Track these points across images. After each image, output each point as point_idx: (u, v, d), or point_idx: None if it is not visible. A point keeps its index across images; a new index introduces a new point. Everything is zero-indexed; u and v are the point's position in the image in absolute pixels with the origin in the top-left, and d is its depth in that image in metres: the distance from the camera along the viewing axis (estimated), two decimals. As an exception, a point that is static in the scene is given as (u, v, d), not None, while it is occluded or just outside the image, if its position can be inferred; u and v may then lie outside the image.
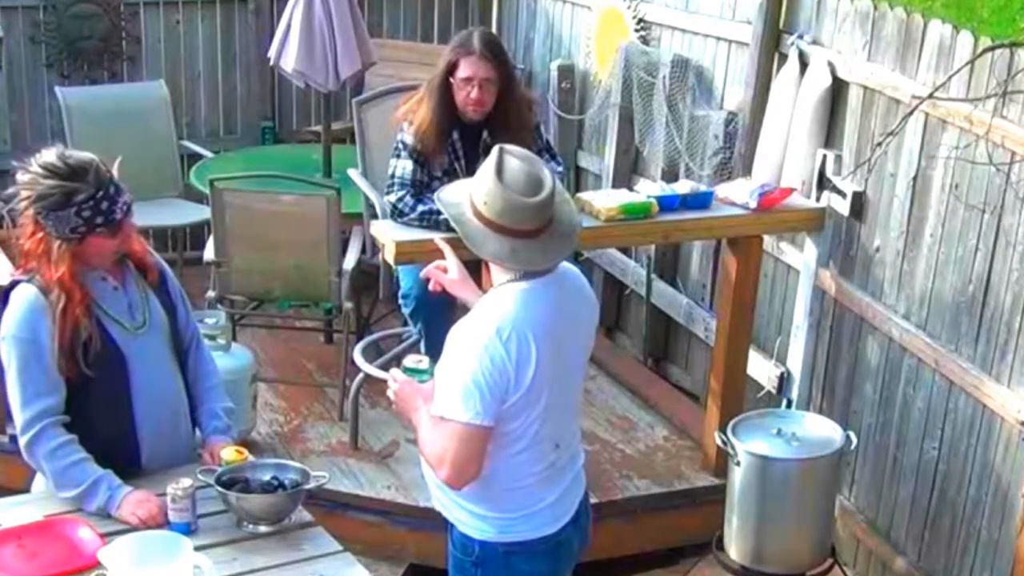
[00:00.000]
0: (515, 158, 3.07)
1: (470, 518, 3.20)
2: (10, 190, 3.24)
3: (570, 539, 3.29)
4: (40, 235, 3.19)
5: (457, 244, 4.39)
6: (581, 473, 3.36)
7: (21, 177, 3.19)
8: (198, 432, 3.51)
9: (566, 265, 3.25)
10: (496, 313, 3.04)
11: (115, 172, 3.25)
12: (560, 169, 4.85)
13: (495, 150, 3.09)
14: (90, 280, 3.27)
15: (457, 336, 3.07)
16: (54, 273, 3.17)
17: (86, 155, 3.22)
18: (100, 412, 3.28)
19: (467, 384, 2.99)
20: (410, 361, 3.28)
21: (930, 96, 4.20)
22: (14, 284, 3.26)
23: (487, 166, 3.08)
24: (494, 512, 3.17)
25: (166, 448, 3.39)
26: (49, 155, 3.19)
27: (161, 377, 3.37)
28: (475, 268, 4.44)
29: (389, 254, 4.44)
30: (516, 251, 3.06)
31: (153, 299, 3.38)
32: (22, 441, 3.26)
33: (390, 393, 3.25)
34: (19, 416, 3.25)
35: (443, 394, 3.04)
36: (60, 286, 3.18)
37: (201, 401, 3.50)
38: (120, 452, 3.32)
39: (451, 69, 4.63)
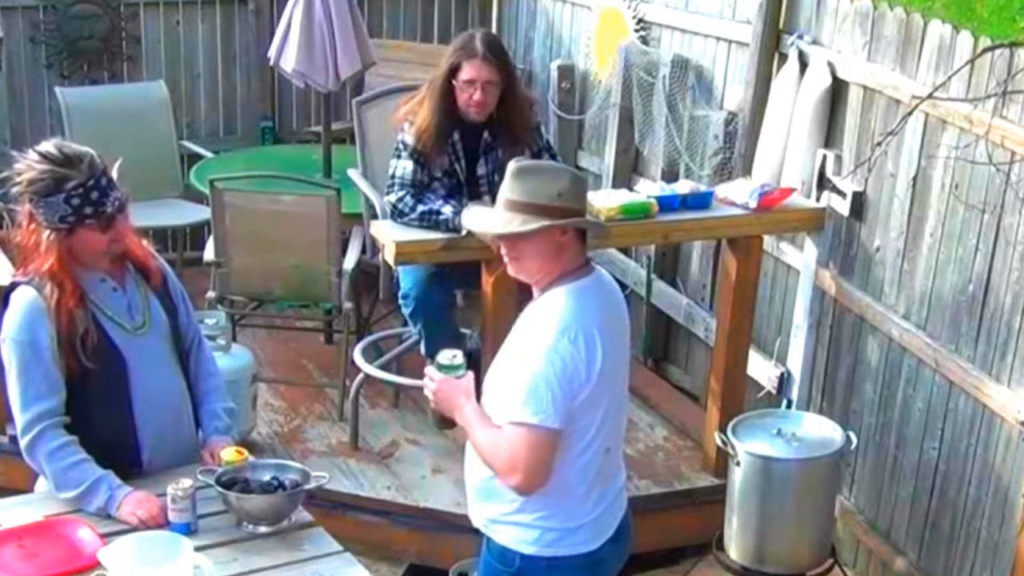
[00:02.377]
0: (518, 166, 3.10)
1: (515, 529, 3.15)
2: (4, 174, 3.25)
3: (608, 559, 3.24)
4: (32, 227, 3.19)
5: (457, 244, 4.41)
6: (623, 492, 3.33)
7: (17, 164, 3.20)
8: (200, 432, 3.51)
9: (602, 271, 3.24)
10: (557, 313, 3.02)
11: (115, 174, 3.25)
12: (560, 169, 4.84)
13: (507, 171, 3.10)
14: (89, 281, 3.26)
15: (525, 339, 3.04)
16: (43, 264, 3.17)
17: (84, 148, 3.22)
18: (101, 413, 3.28)
19: (539, 386, 2.96)
20: (444, 357, 3.20)
21: (930, 96, 4.20)
22: (14, 286, 3.26)
23: (523, 180, 3.06)
24: (541, 523, 3.12)
25: (168, 449, 3.39)
26: (47, 144, 3.21)
27: (162, 378, 3.37)
28: (475, 268, 4.46)
29: (389, 254, 4.44)
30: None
31: (154, 300, 3.38)
32: (23, 443, 3.26)
33: (428, 392, 3.21)
34: (19, 418, 3.25)
35: (513, 398, 2.99)
36: (51, 277, 3.18)
37: (202, 401, 3.50)
38: (121, 453, 3.32)
39: (453, 71, 4.63)
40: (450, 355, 3.21)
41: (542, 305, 3.08)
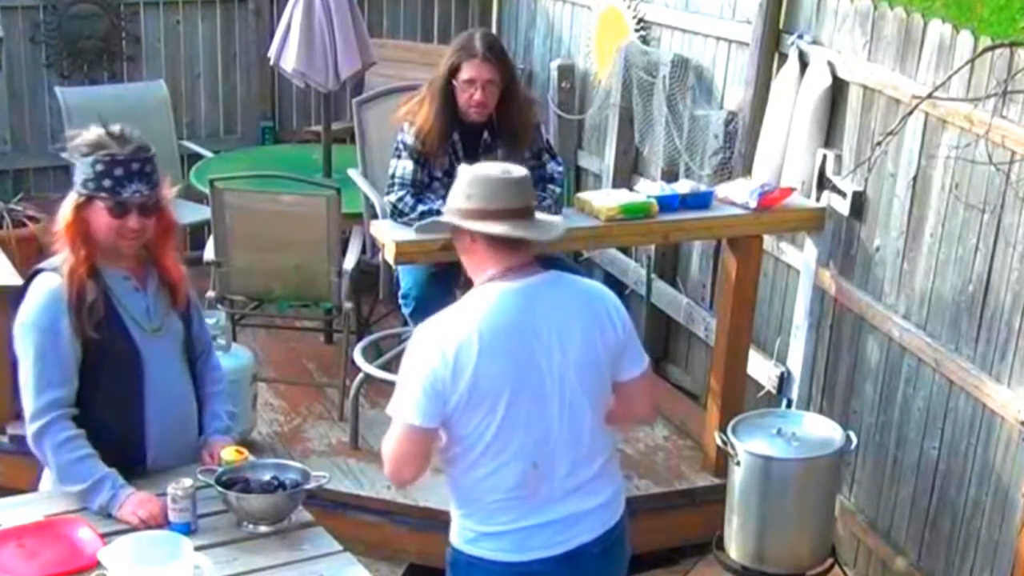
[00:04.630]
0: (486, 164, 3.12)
1: (453, 518, 3.18)
2: (70, 132, 3.33)
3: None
4: (70, 192, 3.27)
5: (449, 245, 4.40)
6: (597, 515, 3.14)
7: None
8: (201, 434, 3.52)
9: (570, 277, 3.18)
10: (444, 314, 3.02)
11: (170, 191, 3.34)
12: (560, 169, 4.85)
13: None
14: (112, 276, 3.30)
15: (414, 335, 3.08)
16: (60, 224, 3.24)
17: (145, 141, 3.30)
18: (112, 406, 3.30)
19: (409, 383, 2.97)
20: None
21: (930, 96, 4.20)
22: (38, 272, 3.31)
23: (461, 175, 3.08)
24: (465, 520, 3.12)
25: (172, 450, 3.39)
26: (118, 124, 3.30)
27: (173, 380, 3.39)
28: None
29: (389, 254, 4.44)
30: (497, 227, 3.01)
31: (172, 315, 3.41)
32: (30, 430, 3.27)
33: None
34: (29, 404, 3.27)
35: (395, 393, 3.03)
36: (68, 242, 3.23)
37: (204, 404, 3.51)
38: (127, 448, 3.33)
39: (453, 72, 4.63)
40: None
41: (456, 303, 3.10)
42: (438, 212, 4.44)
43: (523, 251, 3.05)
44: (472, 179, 3.03)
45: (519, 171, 3.08)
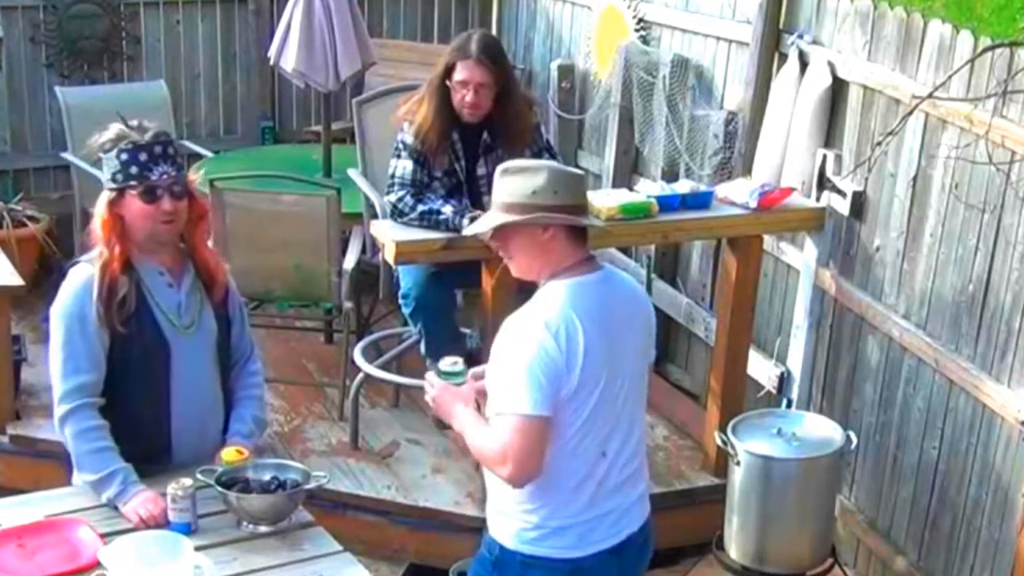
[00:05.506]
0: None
1: (502, 518, 3.16)
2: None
3: (599, 570, 3.17)
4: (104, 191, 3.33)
5: (457, 244, 4.41)
6: (639, 507, 3.27)
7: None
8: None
9: (620, 273, 3.24)
10: (543, 306, 3.03)
11: (197, 177, 3.42)
12: (561, 169, 4.84)
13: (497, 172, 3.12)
14: (147, 271, 3.35)
15: (506, 333, 3.04)
16: (96, 222, 3.30)
17: (163, 128, 3.36)
18: (139, 400, 3.36)
19: (522, 375, 2.95)
20: (445, 364, 3.22)
21: (930, 96, 4.20)
22: (75, 263, 3.38)
23: (504, 181, 3.09)
24: (524, 517, 3.11)
25: (195, 447, 3.42)
26: (138, 119, 3.36)
27: (201, 378, 3.43)
28: (475, 267, 4.46)
29: (389, 254, 4.44)
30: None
31: (208, 309, 3.44)
32: (57, 413, 3.34)
33: (428, 399, 3.23)
34: (57, 387, 3.34)
35: (498, 390, 3.00)
36: (103, 240, 3.29)
37: (234, 406, 3.54)
38: (153, 443, 3.38)
39: (448, 71, 4.63)
40: (451, 361, 3.22)
41: (537, 297, 3.09)
42: (438, 212, 4.47)
43: (587, 244, 3.16)
44: (553, 175, 3.05)
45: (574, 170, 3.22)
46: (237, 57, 7.30)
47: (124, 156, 3.27)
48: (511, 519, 3.14)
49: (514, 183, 3.05)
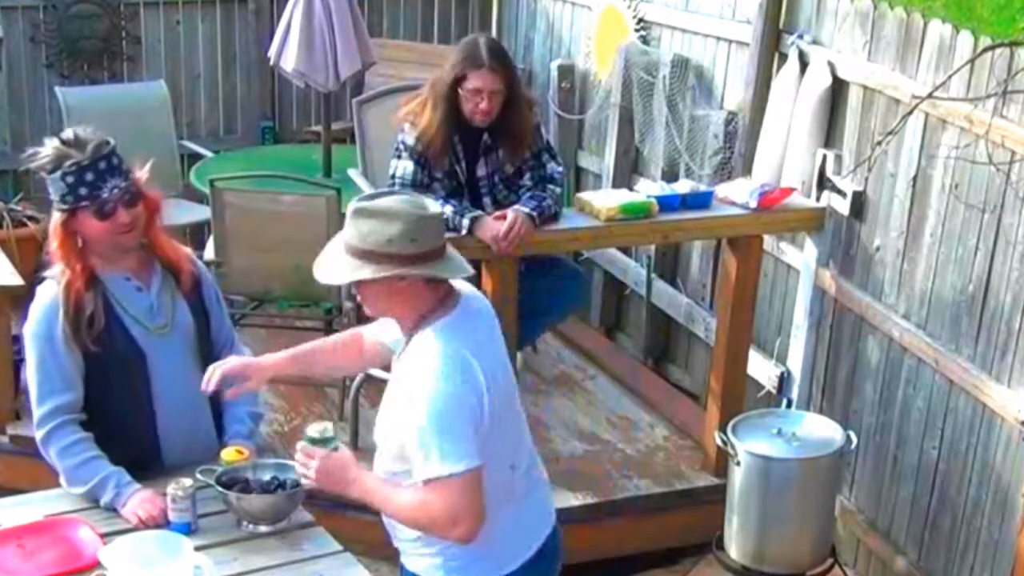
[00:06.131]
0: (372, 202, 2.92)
1: (424, 559, 3.09)
2: (28, 152, 3.31)
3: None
4: (53, 210, 3.26)
5: (457, 244, 4.40)
6: (548, 505, 3.21)
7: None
8: (224, 436, 3.50)
9: (468, 289, 3.09)
10: (433, 359, 2.87)
11: (145, 172, 3.30)
12: (560, 169, 4.85)
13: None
14: (112, 279, 3.30)
15: (405, 398, 2.90)
16: (53, 244, 3.23)
17: (101, 135, 3.26)
18: (122, 410, 3.32)
19: (444, 435, 2.82)
20: (314, 431, 3.06)
21: (930, 96, 4.20)
22: (42, 280, 3.33)
23: (358, 223, 2.88)
24: (448, 551, 3.02)
25: (187, 447, 3.39)
26: (72, 128, 3.27)
27: (183, 378, 3.37)
28: (475, 267, 4.46)
29: (389, 254, 4.43)
30: (441, 268, 2.90)
31: (181, 303, 3.39)
32: (38, 436, 3.30)
33: (308, 472, 3.04)
34: (36, 411, 3.30)
35: (425, 456, 2.84)
36: (61, 259, 3.23)
37: (228, 404, 3.48)
38: (142, 450, 3.34)
39: (459, 80, 4.60)
40: (319, 428, 3.07)
41: (415, 352, 2.92)
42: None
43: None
44: (411, 222, 2.84)
45: (432, 204, 2.96)
46: (237, 57, 7.30)
47: (70, 179, 3.17)
48: (431, 557, 3.06)
49: (369, 228, 2.85)
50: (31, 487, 3.50)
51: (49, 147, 3.23)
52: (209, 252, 5.46)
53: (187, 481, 3.18)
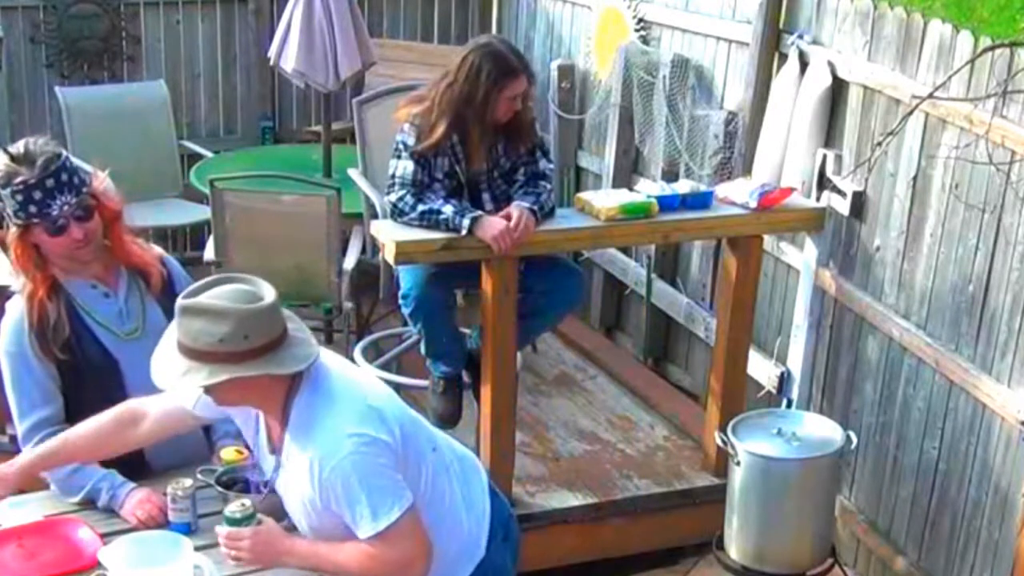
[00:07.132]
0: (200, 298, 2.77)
1: None
2: None
3: (497, 557, 3.13)
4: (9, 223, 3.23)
5: (457, 244, 4.40)
6: (488, 489, 3.19)
7: None
8: (212, 435, 3.49)
9: (311, 350, 2.90)
10: (310, 428, 2.81)
11: (102, 181, 3.25)
12: (551, 166, 4.83)
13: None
14: (78, 287, 3.28)
15: (320, 461, 2.79)
16: (10, 255, 3.21)
17: (52, 149, 3.20)
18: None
19: (371, 488, 2.79)
20: (234, 510, 2.94)
21: (930, 96, 4.20)
22: (10, 296, 3.29)
23: (186, 322, 2.73)
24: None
25: (171, 449, 3.36)
26: (24, 140, 3.22)
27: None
28: (475, 267, 4.46)
29: (389, 254, 4.44)
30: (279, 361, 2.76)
31: (152, 306, 3.36)
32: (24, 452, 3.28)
33: (241, 554, 2.93)
34: (18, 427, 3.30)
35: (358, 520, 2.81)
36: (21, 270, 3.21)
37: None
38: (125, 457, 3.30)
39: (495, 91, 4.55)
40: (239, 505, 2.95)
41: (296, 435, 2.84)
42: (439, 212, 4.46)
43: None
44: (241, 319, 2.72)
45: (267, 290, 2.85)
46: (237, 57, 7.30)
47: (19, 197, 3.14)
48: None
49: (199, 327, 2.72)
50: (31, 487, 3.50)
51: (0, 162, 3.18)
52: (209, 252, 5.46)
53: (187, 481, 3.18)
